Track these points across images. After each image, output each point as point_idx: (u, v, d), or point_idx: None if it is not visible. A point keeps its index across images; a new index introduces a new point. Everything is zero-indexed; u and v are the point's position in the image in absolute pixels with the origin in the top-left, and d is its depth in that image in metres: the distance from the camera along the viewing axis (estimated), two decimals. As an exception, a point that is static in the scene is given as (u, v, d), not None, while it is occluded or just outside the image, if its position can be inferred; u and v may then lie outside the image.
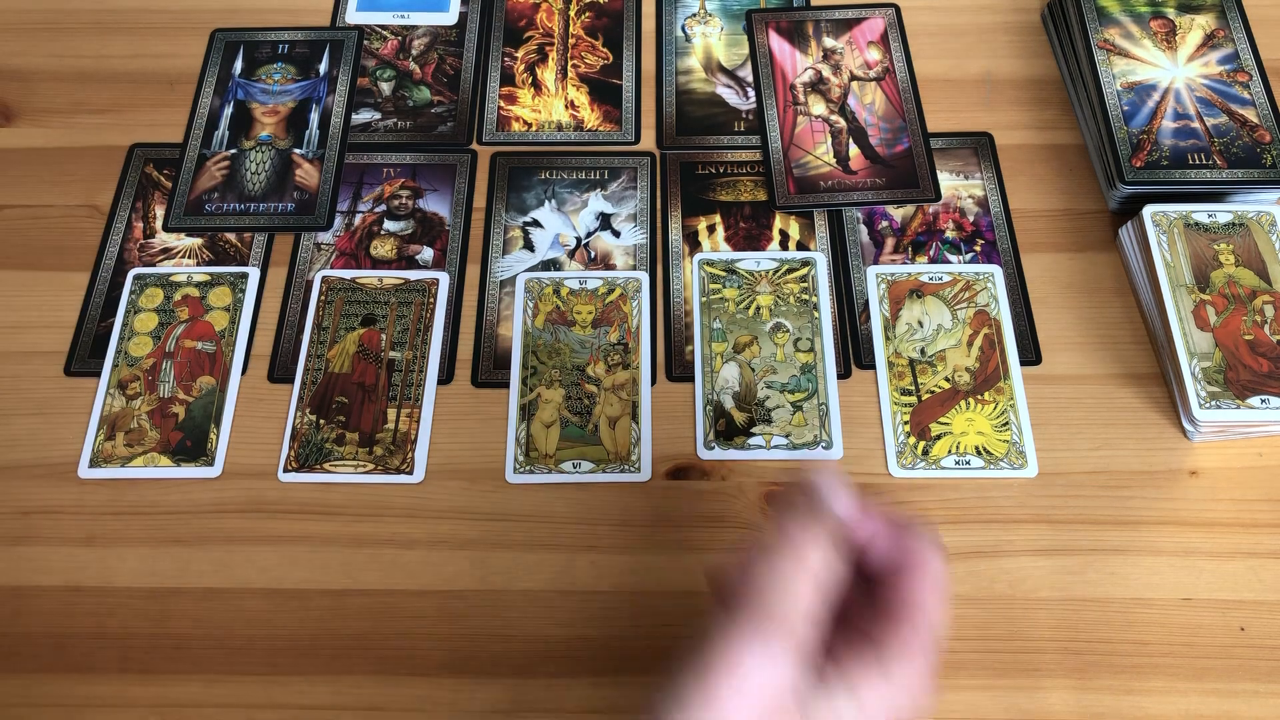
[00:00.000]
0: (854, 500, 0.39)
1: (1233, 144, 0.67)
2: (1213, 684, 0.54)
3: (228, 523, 0.59)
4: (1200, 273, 0.62)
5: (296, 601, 0.57)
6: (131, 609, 0.57)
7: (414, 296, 0.66)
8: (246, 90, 0.76)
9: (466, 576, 0.57)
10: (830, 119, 0.74)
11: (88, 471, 0.61)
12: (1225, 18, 0.73)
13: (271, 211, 0.70)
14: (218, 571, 0.58)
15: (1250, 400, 0.58)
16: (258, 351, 0.65)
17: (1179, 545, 0.58)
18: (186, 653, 0.56)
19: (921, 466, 0.60)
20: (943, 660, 0.55)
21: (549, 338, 0.65)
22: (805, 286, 0.67)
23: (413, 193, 0.71)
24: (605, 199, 0.71)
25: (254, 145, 0.73)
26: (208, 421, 0.62)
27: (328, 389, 0.63)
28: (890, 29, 0.78)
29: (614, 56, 0.78)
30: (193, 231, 0.70)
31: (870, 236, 0.69)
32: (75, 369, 0.65)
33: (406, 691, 0.54)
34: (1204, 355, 0.60)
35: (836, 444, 0.61)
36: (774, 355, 0.64)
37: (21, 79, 0.78)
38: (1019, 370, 0.63)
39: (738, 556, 0.38)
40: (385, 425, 0.62)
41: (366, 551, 0.58)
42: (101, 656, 0.56)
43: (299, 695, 0.54)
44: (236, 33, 0.79)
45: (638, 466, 0.60)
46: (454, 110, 0.75)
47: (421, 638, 0.56)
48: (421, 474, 0.60)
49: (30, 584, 0.58)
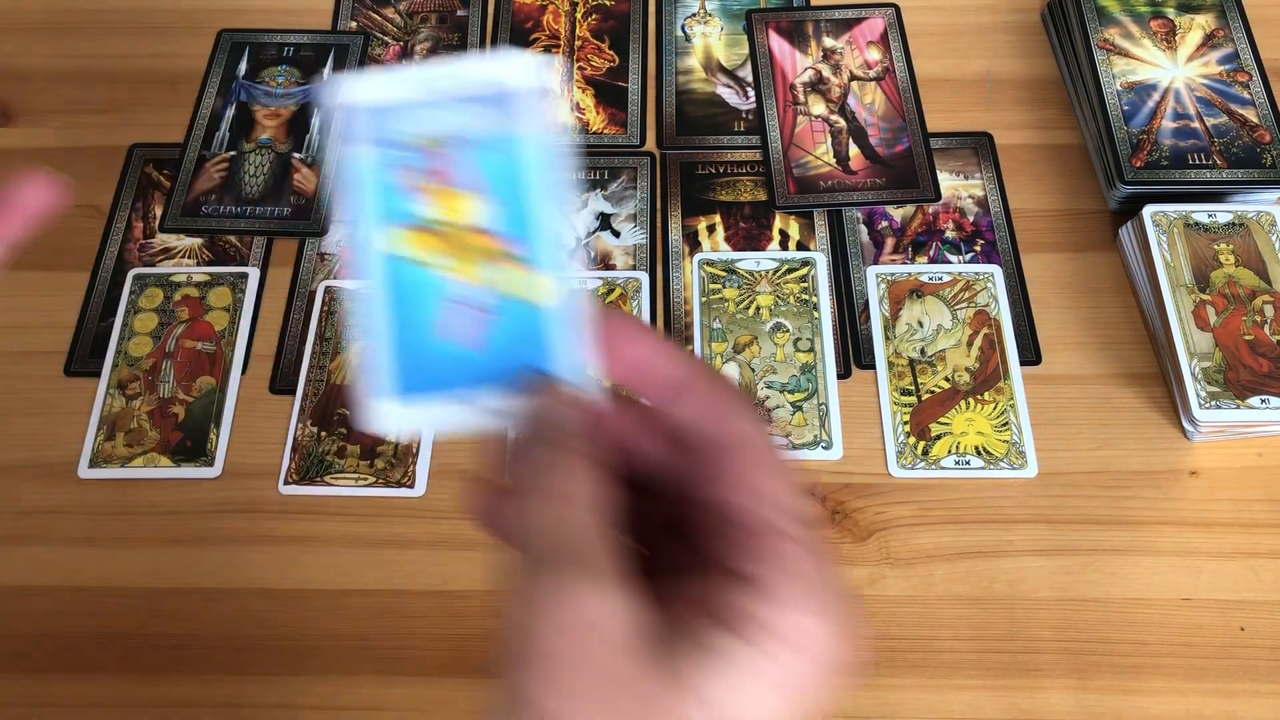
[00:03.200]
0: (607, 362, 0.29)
1: (1233, 144, 0.67)
2: (1212, 684, 0.54)
3: (228, 523, 0.59)
4: (1200, 273, 0.62)
5: (296, 601, 0.57)
6: (131, 609, 0.57)
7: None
8: (250, 92, 0.76)
9: (466, 576, 0.57)
10: (830, 119, 0.74)
11: (87, 471, 0.61)
12: (1225, 17, 0.73)
13: (268, 215, 0.70)
14: (218, 571, 0.58)
15: (1250, 400, 0.58)
16: (257, 352, 0.65)
17: (1179, 545, 0.58)
18: (186, 653, 0.56)
19: (921, 466, 0.60)
20: (943, 660, 0.55)
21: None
22: (805, 286, 0.67)
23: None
24: (605, 199, 0.71)
25: (254, 148, 0.73)
26: (207, 422, 0.62)
27: (330, 401, 0.63)
28: (890, 29, 0.78)
29: (620, 59, 0.78)
30: (189, 233, 0.70)
31: (870, 236, 0.69)
32: (75, 369, 0.65)
33: (406, 691, 0.54)
34: (1204, 355, 0.60)
35: (836, 444, 0.61)
36: (774, 355, 0.64)
37: (21, 79, 0.78)
38: (1019, 370, 0.63)
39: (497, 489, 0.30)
40: (387, 439, 0.62)
41: (366, 552, 0.58)
42: (101, 656, 0.56)
43: (299, 695, 0.54)
44: (243, 34, 0.79)
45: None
46: (454, 111, 0.75)
47: (421, 638, 0.56)
48: (423, 488, 0.60)
49: (30, 584, 0.58)
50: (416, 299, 0.29)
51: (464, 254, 0.29)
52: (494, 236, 0.29)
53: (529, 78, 0.29)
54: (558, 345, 0.29)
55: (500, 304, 0.29)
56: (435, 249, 0.29)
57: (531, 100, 0.29)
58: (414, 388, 0.29)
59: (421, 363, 0.29)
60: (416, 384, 0.29)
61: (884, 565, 0.57)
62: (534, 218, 0.29)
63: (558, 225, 0.30)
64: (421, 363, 0.29)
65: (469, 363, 0.29)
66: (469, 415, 0.29)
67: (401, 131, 0.29)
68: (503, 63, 0.29)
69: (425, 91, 0.29)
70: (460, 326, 0.29)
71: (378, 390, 0.29)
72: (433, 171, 0.29)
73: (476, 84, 0.29)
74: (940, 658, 0.55)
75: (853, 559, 0.57)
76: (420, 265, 0.29)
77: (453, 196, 0.29)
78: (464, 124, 0.29)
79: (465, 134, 0.29)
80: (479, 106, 0.29)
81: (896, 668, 0.55)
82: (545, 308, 0.29)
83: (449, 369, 0.29)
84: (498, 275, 0.29)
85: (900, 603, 0.56)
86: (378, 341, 0.29)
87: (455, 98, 0.29)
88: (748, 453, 0.28)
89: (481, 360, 0.29)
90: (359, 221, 0.29)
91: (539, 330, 0.29)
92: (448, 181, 0.29)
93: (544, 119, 0.29)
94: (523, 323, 0.29)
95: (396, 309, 0.29)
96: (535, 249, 0.29)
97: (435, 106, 0.29)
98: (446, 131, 0.29)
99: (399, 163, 0.29)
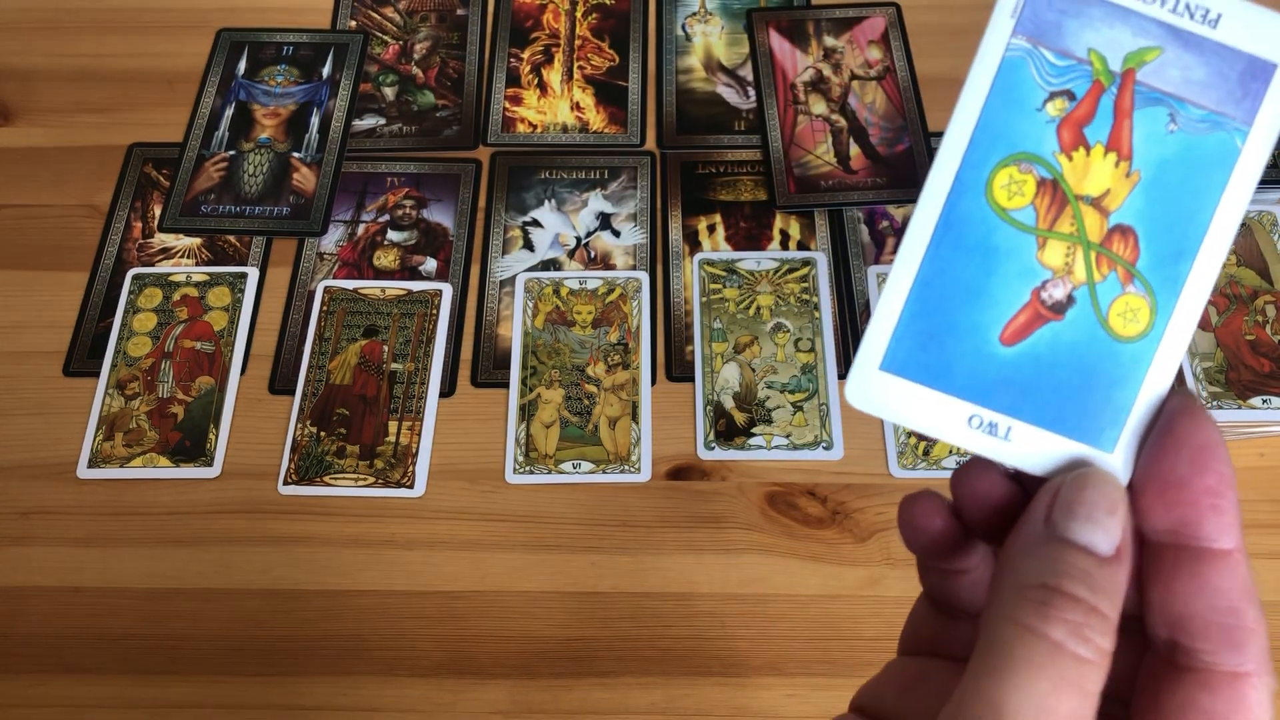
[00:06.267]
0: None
1: (1234, 143, 0.67)
2: (1214, 685, 0.54)
3: (227, 523, 0.59)
4: (1202, 272, 0.62)
5: (296, 602, 0.57)
6: (131, 609, 0.57)
7: (416, 308, 0.66)
8: (249, 91, 0.76)
9: (466, 576, 0.57)
10: (831, 118, 0.74)
11: (87, 472, 0.61)
12: (1227, 17, 0.73)
13: (266, 215, 0.70)
14: (217, 572, 0.58)
15: (1252, 400, 0.58)
16: (257, 352, 0.65)
17: (1180, 545, 0.58)
18: (186, 653, 0.55)
19: (923, 467, 0.60)
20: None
21: (549, 338, 0.65)
22: (806, 286, 0.66)
23: (416, 202, 0.71)
24: (605, 198, 0.71)
25: (253, 147, 0.73)
26: (207, 422, 0.62)
27: (329, 401, 0.63)
28: (891, 28, 0.78)
29: (620, 58, 0.78)
30: (188, 232, 0.70)
31: (871, 236, 0.69)
32: (74, 369, 0.65)
33: (406, 692, 0.54)
34: (1205, 355, 0.60)
35: (837, 444, 0.61)
36: (774, 355, 0.64)
37: (21, 79, 0.78)
38: (1020, 370, 0.63)
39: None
40: (386, 438, 0.62)
41: (366, 552, 0.58)
42: (101, 656, 0.55)
43: (299, 695, 0.54)
44: (242, 33, 0.79)
45: (638, 467, 0.60)
46: (459, 114, 0.75)
47: (421, 638, 0.56)
48: (422, 488, 0.60)
49: (30, 584, 0.58)
50: (975, 263, 0.22)
51: (1066, 234, 0.22)
52: (1121, 232, 0.22)
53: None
54: (1115, 411, 0.22)
55: (1075, 315, 0.22)
56: (1041, 212, 0.22)
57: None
58: (912, 368, 0.23)
59: (938, 340, 0.23)
60: (917, 364, 0.23)
61: (885, 566, 0.57)
62: (1187, 233, 0.22)
63: (1210, 259, 0.22)
64: (938, 340, 0.23)
65: (994, 361, 0.23)
66: (957, 427, 0.23)
67: (1080, 40, 0.22)
68: (1258, 15, 0.21)
69: (1145, 2, 0.22)
70: (1001, 316, 0.22)
71: (866, 357, 0.23)
72: (1088, 112, 0.22)
73: (1226, 31, 0.21)
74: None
75: (853, 559, 0.57)
76: (1013, 228, 0.22)
77: (1096, 155, 0.22)
78: (1177, 71, 0.22)
79: (1167, 85, 0.22)
80: (1214, 60, 0.21)
81: (897, 668, 0.54)
82: (1132, 347, 0.22)
83: (966, 358, 0.23)
84: (1094, 278, 0.22)
85: (901, 603, 0.56)
86: (896, 296, 0.23)
87: (1185, 33, 0.21)
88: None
89: (1013, 364, 0.23)
90: (969, 137, 0.22)
91: (1105, 371, 0.22)
92: (1103, 132, 0.22)
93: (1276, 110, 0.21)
94: (1088, 350, 0.22)
95: (948, 267, 0.22)
96: (1164, 272, 0.22)
97: (1148, 30, 0.22)
98: (1147, 69, 0.22)
99: (1055, 80, 0.22)
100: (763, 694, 0.54)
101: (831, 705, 0.54)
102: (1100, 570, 0.20)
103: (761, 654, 0.55)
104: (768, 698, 0.54)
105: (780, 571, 0.57)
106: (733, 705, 0.54)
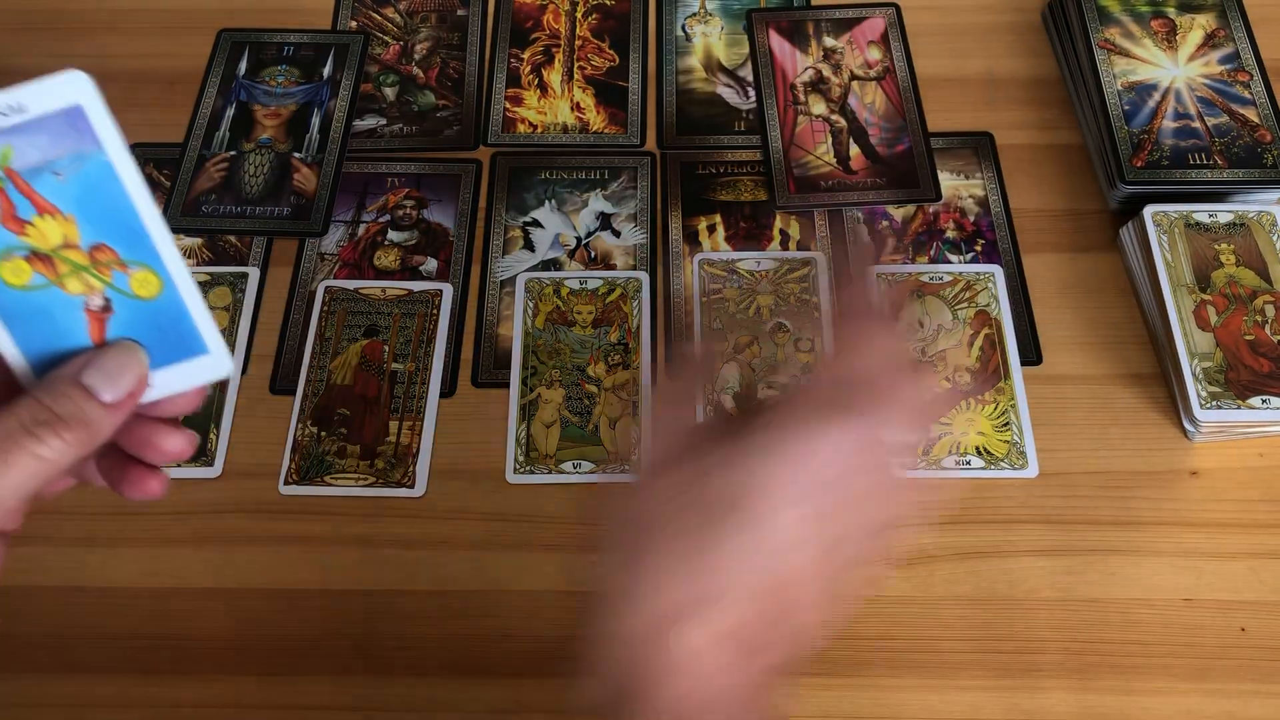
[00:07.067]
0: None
1: (1233, 144, 0.67)
2: (1213, 684, 0.54)
3: (227, 523, 0.59)
4: (1201, 273, 0.62)
5: (296, 601, 0.57)
6: (131, 609, 0.57)
7: (417, 308, 0.66)
8: (250, 91, 0.76)
9: (466, 576, 0.57)
10: (831, 118, 0.74)
11: (88, 472, 0.61)
12: (1226, 17, 0.73)
13: (267, 215, 0.70)
14: (217, 572, 0.58)
15: (1251, 400, 0.58)
16: (258, 352, 0.65)
17: (1180, 546, 0.58)
18: (186, 653, 0.55)
19: (922, 467, 0.60)
20: (943, 661, 0.55)
21: (549, 338, 0.65)
22: (805, 286, 0.66)
23: (417, 203, 0.71)
24: (605, 199, 0.71)
25: (253, 147, 0.73)
26: (207, 422, 0.62)
27: (330, 401, 0.63)
28: (890, 28, 0.78)
29: (620, 59, 0.78)
30: (190, 232, 0.70)
31: (870, 236, 0.69)
32: (75, 369, 0.65)
33: (406, 691, 0.54)
34: (1205, 355, 0.60)
35: (837, 444, 0.61)
36: (774, 355, 0.64)
37: (21, 79, 0.77)
38: (1019, 370, 0.63)
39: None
40: (387, 438, 0.62)
41: (366, 552, 0.58)
42: (101, 656, 0.56)
43: (299, 695, 0.54)
44: (242, 33, 0.79)
45: (638, 467, 0.60)
46: (459, 114, 0.75)
47: (421, 638, 0.56)
48: (423, 488, 0.60)
49: (30, 584, 0.58)
50: (44, 319, 0.33)
51: (65, 270, 0.32)
52: (96, 249, 0.32)
53: (76, 92, 0.30)
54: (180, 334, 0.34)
55: (117, 301, 0.33)
56: (45, 271, 0.32)
57: (93, 111, 0.30)
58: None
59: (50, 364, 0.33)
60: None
61: (884, 566, 0.57)
62: (129, 221, 0.32)
63: (151, 219, 0.32)
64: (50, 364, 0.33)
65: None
66: None
67: None
68: (42, 84, 0.30)
69: None
70: (84, 328, 0.33)
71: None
72: (8, 205, 0.31)
73: (34, 108, 0.30)
74: (941, 658, 0.55)
75: (853, 559, 0.57)
76: (38, 290, 0.32)
77: (40, 222, 0.31)
78: (32, 149, 0.30)
79: (34, 160, 0.30)
80: (45, 128, 0.30)
81: (897, 668, 0.55)
82: (165, 295, 0.33)
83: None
84: (106, 280, 0.32)
85: (901, 603, 0.56)
86: (15, 362, 0.33)
87: (15, 127, 0.30)
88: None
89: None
90: None
91: (168, 313, 0.33)
92: (28, 210, 0.31)
93: (106, 127, 0.31)
94: (148, 311, 0.33)
95: (36, 332, 0.33)
96: (139, 250, 0.32)
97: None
98: (15, 160, 0.30)
99: None
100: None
101: (832, 705, 0.54)
102: (92, 409, 0.33)
103: (761, 653, 0.55)
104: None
105: (780, 571, 0.57)
106: (733, 705, 0.54)
